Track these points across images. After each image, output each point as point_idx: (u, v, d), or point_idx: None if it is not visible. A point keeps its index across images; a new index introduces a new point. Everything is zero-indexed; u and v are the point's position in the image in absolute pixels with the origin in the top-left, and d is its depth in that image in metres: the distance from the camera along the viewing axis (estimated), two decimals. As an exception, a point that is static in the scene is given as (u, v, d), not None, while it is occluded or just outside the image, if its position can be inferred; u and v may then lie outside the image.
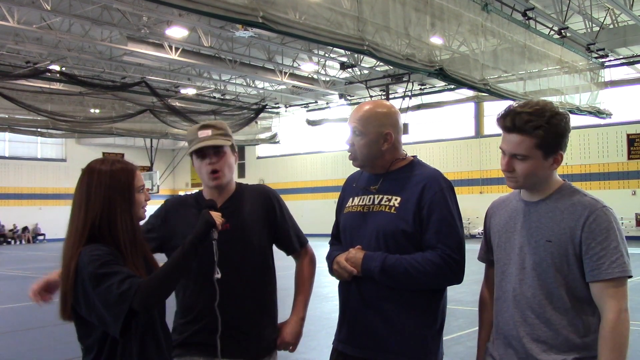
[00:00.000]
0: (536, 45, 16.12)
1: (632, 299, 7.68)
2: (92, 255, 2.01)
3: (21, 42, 19.01)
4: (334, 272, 2.43)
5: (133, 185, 2.15)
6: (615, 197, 23.77)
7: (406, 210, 2.32)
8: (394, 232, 2.31)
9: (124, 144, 35.91)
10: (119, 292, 1.94)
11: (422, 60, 13.29)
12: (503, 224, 2.23)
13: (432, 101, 27.23)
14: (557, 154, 2.08)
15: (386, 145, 2.41)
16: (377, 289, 2.31)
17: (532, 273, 2.07)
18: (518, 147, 2.05)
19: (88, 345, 2.11)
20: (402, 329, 2.28)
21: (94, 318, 2.02)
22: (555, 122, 2.05)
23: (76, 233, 2.09)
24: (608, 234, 1.98)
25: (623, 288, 1.97)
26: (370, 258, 2.30)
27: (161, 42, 19.01)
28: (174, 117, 26.29)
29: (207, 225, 2.15)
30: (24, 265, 19.81)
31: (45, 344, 7.79)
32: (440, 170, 2.48)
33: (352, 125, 2.43)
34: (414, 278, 2.24)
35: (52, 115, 24.15)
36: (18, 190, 34.49)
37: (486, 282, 2.37)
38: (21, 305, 10.94)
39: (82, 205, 2.11)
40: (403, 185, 2.39)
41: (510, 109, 2.10)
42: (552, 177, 2.14)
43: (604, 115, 21.11)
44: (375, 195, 2.43)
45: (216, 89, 27.48)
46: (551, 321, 2.04)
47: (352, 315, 2.39)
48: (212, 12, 9.77)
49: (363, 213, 2.43)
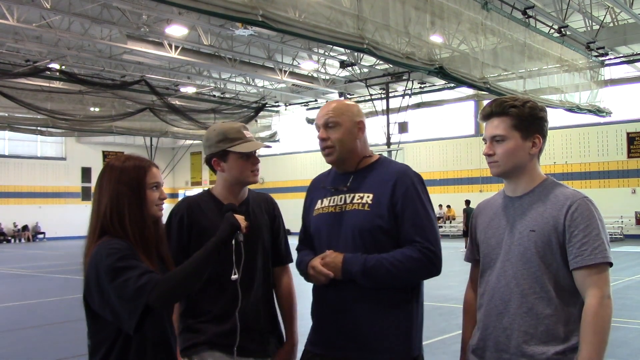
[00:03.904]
0: (536, 44, 16.14)
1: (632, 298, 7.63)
2: (110, 248, 2.02)
3: (21, 40, 19.01)
4: (309, 277, 2.38)
5: (144, 181, 2.16)
6: (615, 195, 23.79)
7: (380, 206, 2.31)
8: (371, 229, 2.31)
9: (123, 142, 35.89)
10: (136, 286, 1.93)
11: (422, 58, 13.29)
12: (488, 220, 2.28)
13: (432, 100, 27.24)
14: (534, 136, 2.16)
15: (360, 134, 2.44)
16: (357, 289, 2.29)
17: (516, 263, 2.11)
18: (496, 128, 2.16)
19: (97, 343, 2.08)
20: (386, 326, 2.28)
21: (108, 313, 2.00)
22: (530, 105, 2.17)
23: (91, 227, 2.14)
24: (590, 222, 2.03)
25: (605, 274, 2.02)
26: (350, 261, 2.26)
27: (161, 40, 19.00)
28: (174, 116, 26.31)
29: (233, 228, 2.16)
30: (24, 264, 19.82)
31: (43, 343, 7.79)
32: (409, 165, 2.50)
33: (325, 119, 2.42)
34: (396, 276, 2.25)
35: (51, 114, 24.16)
36: (18, 188, 34.49)
37: (471, 282, 2.42)
38: (20, 304, 10.95)
39: (95, 200, 2.17)
40: (373, 182, 2.38)
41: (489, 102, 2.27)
42: (534, 169, 2.20)
43: (604, 114, 21.11)
44: (346, 194, 2.41)
45: (216, 88, 27.48)
46: (534, 310, 2.07)
47: (331, 317, 2.35)
48: (212, 10, 9.77)
49: (336, 213, 2.40)
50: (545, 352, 2.03)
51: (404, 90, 24.50)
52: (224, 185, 2.62)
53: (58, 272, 16.32)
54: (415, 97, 26.16)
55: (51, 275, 15.72)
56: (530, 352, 2.05)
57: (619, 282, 11.43)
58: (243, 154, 2.55)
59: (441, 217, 28.18)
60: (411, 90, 24.62)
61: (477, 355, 2.22)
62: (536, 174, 2.20)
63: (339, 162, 2.46)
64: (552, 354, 2.03)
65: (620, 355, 6.27)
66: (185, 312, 2.56)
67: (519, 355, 2.07)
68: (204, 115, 27.79)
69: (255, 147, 2.58)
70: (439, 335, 7.11)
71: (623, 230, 23.69)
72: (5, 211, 33.46)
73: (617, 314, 8.01)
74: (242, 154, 2.55)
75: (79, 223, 19.85)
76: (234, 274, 2.42)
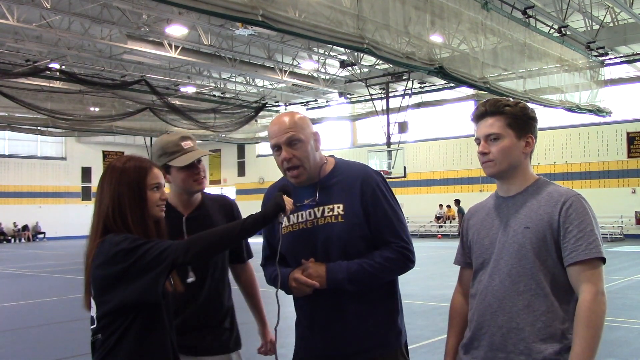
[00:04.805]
0: (536, 44, 16.14)
1: (632, 298, 7.64)
2: (121, 237, 2.06)
3: (21, 40, 19.01)
4: (291, 290, 2.35)
5: (144, 182, 2.18)
6: (615, 195, 23.78)
7: (353, 216, 2.31)
8: (349, 240, 2.31)
9: (123, 142, 35.91)
10: (158, 251, 2.01)
11: (422, 58, 13.29)
12: (481, 221, 2.29)
13: (432, 99, 27.21)
14: (527, 136, 2.19)
15: (318, 146, 2.38)
16: (345, 292, 2.31)
17: (511, 261, 2.11)
18: (491, 127, 2.18)
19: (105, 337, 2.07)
20: (379, 322, 2.35)
21: (131, 293, 2.01)
22: (521, 106, 2.22)
23: (93, 227, 2.17)
24: (584, 218, 2.05)
25: (599, 270, 2.02)
26: (334, 270, 2.28)
27: (161, 40, 19.00)
28: (174, 116, 26.29)
29: (277, 208, 2.17)
30: (24, 263, 19.82)
31: (45, 343, 7.79)
32: (367, 164, 2.49)
33: (288, 137, 2.28)
34: (378, 277, 2.31)
35: (51, 114, 24.16)
36: (18, 188, 34.50)
37: (460, 285, 2.41)
38: (21, 304, 10.95)
39: (96, 201, 2.20)
40: (339, 190, 2.35)
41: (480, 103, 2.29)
42: (527, 170, 2.22)
43: (604, 114, 21.11)
44: (315, 208, 2.35)
45: (216, 87, 27.48)
46: (530, 308, 2.07)
47: (323, 323, 2.36)
48: (212, 10, 9.77)
49: (307, 229, 2.36)
50: (542, 350, 2.03)
51: (404, 90, 24.51)
52: (174, 194, 2.74)
53: (58, 272, 16.32)
54: (415, 97, 26.15)
55: (51, 275, 15.73)
56: (526, 351, 2.05)
57: (619, 282, 11.43)
58: (185, 166, 2.63)
59: (441, 217, 28.17)
60: (411, 90, 24.62)
61: (470, 355, 2.22)
62: (529, 174, 2.22)
63: (308, 180, 2.36)
64: (549, 352, 2.03)
65: (620, 355, 6.27)
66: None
67: (515, 354, 2.07)
68: (204, 115, 27.80)
69: (191, 159, 2.64)
70: (439, 335, 7.11)
71: (623, 230, 23.68)
72: (5, 211, 33.47)
73: (617, 314, 8.05)
74: (182, 166, 2.63)
75: (79, 223, 19.82)
76: (190, 277, 2.56)
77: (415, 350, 6.56)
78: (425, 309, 9.22)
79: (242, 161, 37.45)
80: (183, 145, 2.65)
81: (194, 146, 2.70)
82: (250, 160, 37.04)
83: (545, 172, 24.04)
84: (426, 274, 13.07)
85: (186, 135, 2.73)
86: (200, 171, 2.68)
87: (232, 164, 37.80)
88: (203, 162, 2.74)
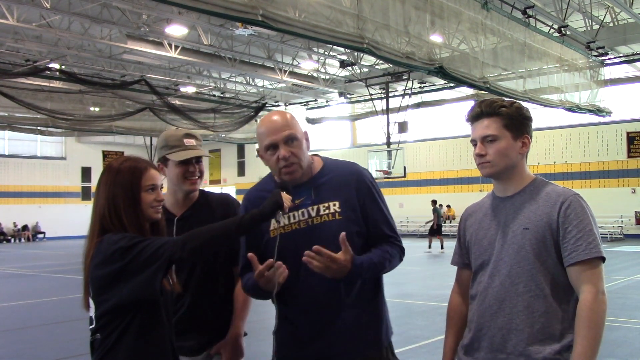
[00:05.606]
0: (536, 44, 16.13)
1: (632, 298, 7.64)
2: (118, 236, 2.07)
3: (21, 40, 19.00)
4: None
5: (139, 184, 2.17)
6: (615, 195, 23.78)
7: (350, 212, 2.31)
8: (349, 237, 2.24)
9: (123, 142, 35.91)
10: (155, 247, 2.01)
11: (422, 58, 13.29)
12: (478, 222, 2.28)
13: (431, 99, 27.19)
14: (524, 136, 2.19)
15: (308, 144, 2.37)
16: (334, 293, 2.27)
17: (510, 262, 2.11)
18: (487, 128, 2.16)
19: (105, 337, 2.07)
20: (371, 319, 2.37)
21: (129, 291, 2.01)
22: (517, 106, 2.21)
23: (91, 227, 2.18)
24: (583, 218, 2.05)
25: (599, 269, 2.02)
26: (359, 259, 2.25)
27: (161, 40, 18.99)
28: (174, 115, 26.26)
29: (275, 206, 2.13)
30: (24, 263, 19.82)
31: (44, 342, 7.80)
32: (358, 163, 2.49)
33: (286, 135, 2.24)
34: (383, 271, 2.38)
35: (51, 114, 24.15)
36: (18, 188, 34.50)
37: (457, 286, 2.41)
38: (20, 304, 10.95)
39: (94, 201, 2.22)
40: (333, 187, 2.34)
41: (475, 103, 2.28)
42: (524, 170, 2.22)
43: (604, 114, 21.11)
44: (309, 207, 2.31)
45: (216, 87, 27.47)
46: (530, 308, 2.07)
47: (315, 326, 2.31)
48: (212, 10, 9.77)
49: (303, 229, 2.30)
50: (542, 351, 2.03)
51: (404, 90, 24.49)
52: (169, 190, 2.74)
53: (58, 272, 16.33)
54: (415, 97, 26.14)
55: (51, 275, 15.73)
56: (526, 352, 2.05)
57: (619, 282, 11.43)
58: (180, 162, 2.64)
59: (441, 217, 28.17)
60: (411, 90, 24.61)
61: (470, 356, 2.21)
62: (526, 174, 2.22)
63: (301, 178, 2.32)
64: (548, 352, 2.03)
65: (620, 355, 6.28)
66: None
67: (515, 355, 2.07)
68: (204, 115, 27.79)
69: (188, 156, 2.66)
70: (439, 335, 7.11)
71: (623, 230, 23.68)
72: (5, 211, 33.47)
73: (617, 314, 8.06)
74: (180, 162, 2.65)
75: (79, 223, 19.82)
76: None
77: (415, 350, 6.57)
78: (424, 309, 9.22)
79: (242, 161, 37.44)
80: (185, 141, 2.67)
81: (195, 145, 2.71)
82: (250, 160, 37.03)
83: (545, 172, 24.06)
84: (425, 274, 13.08)
85: (191, 133, 2.73)
86: (195, 171, 2.69)
87: (232, 164, 37.81)
88: (202, 164, 2.73)
